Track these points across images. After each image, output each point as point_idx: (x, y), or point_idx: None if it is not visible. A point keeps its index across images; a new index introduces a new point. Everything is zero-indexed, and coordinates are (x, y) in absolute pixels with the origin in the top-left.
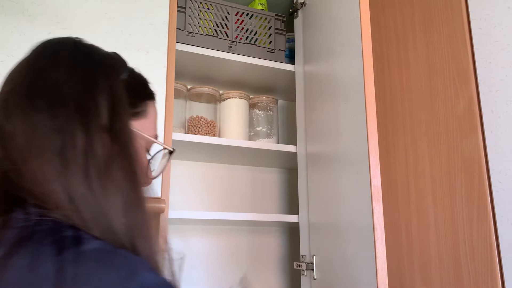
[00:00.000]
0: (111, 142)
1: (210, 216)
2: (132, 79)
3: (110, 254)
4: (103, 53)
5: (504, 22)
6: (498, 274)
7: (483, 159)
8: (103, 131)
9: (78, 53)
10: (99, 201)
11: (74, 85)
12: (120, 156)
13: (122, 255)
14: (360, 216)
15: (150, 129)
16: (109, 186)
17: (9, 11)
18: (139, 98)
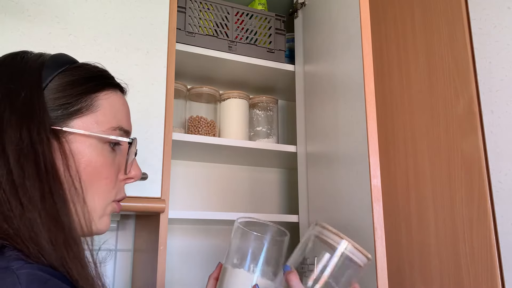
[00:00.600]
0: (21, 156)
1: (210, 216)
2: (68, 77)
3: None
4: (31, 62)
5: (504, 22)
6: (498, 274)
7: (483, 159)
8: (15, 148)
9: (4, 69)
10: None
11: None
12: (29, 168)
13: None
14: (360, 216)
15: (103, 123)
16: (27, 209)
17: (9, 11)
18: (77, 94)
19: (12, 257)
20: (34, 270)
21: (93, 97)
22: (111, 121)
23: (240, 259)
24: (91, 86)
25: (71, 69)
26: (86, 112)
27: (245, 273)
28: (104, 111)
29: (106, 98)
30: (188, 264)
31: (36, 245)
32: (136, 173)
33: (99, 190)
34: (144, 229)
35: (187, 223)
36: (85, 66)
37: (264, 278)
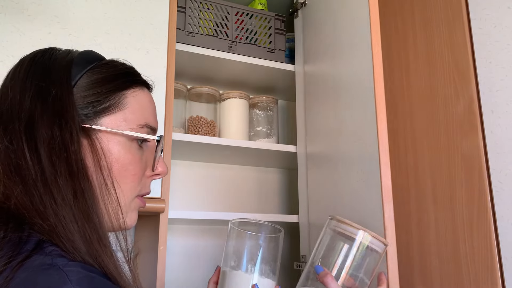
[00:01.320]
0: (53, 152)
1: (210, 216)
2: (96, 74)
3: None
4: (59, 59)
5: (504, 22)
6: (498, 274)
7: (483, 159)
8: (47, 143)
9: (34, 66)
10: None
11: (23, 102)
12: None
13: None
14: (369, 216)
15: (132, 120)
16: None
17: (9, 11)
18: (106, 91)
19: (55, 254)
20: (79, 268)
21: (121, 95)
22: (139, 119)
23: (237, 261)
24: (119, 83)
25: (99, 66)
26: (114, 110)
27: (243, 274)
28: (132, 109)
29: (134, 96)
30: (188, 264)
31: (72, 242)
32: (163, 170)
33: (126, 186)
34: (144, 229)
35: (187, 223)
36: (113, 63)
37: (263, 276)
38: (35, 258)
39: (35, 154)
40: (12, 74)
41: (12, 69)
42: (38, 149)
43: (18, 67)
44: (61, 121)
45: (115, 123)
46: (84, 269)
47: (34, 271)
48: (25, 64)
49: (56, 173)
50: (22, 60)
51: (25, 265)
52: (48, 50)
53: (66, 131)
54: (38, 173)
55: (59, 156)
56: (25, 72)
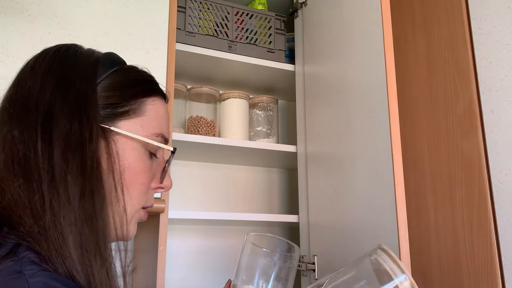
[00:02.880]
0: (68, 148)
1: (210, 216)
2: (120, 77)
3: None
4: (84, 56)
5: (504, 22)
6: (498, 274)
7: (483, 159)
8: (63, 138)
9: (55, 59)
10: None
11: (42, 94)
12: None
13: None
14: (361, 216)
15: (148, 128)
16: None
17: (9, 11)
18: (128, 96)
19: (26, 259)
20: (47, 279)
21: (141, 101)
22: (155, 127)
23: (249, 276)
24: (140, 90)
25: (123, 70)
26: (133, 115)
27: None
28: (149, 117)
29: (152, 104)
30: (188, 264)
31: (62, 247)
32: (168, 183)
33: (133, 195)
34: (144, 229)
35: (187, 223)
36: (135, 69)
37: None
38: (5, 265)
39: (48, 147)
40: (33, 63)
41: (33, 59)
42: (52, 143)
43: (40, 57)
44: (82, 117)
45: (132, 128)
46: (54, 280)
47: (3, 280)
48: (49, 56)
49: (67, 169)
50: (46, 51)
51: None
52: (72, 46)
53: (86, 128)
54: (46, 167)
55: (74, 152)
56: (47, 64)
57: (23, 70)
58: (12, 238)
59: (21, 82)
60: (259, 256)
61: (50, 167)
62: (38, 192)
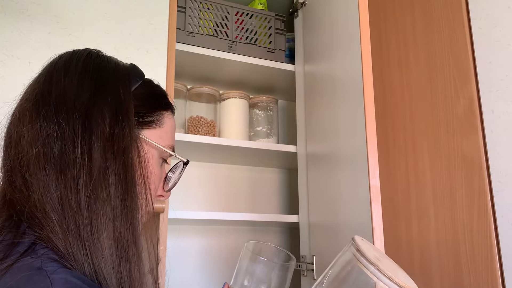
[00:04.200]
0: (109, 149)
1: (210, 216)
2: (145, 89)
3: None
4: (115, 63)
5: (504, 22)
6: (499, 274)
7: (484, 159)
8: (104, 139)
9: (90, 62)
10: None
11: (80, 93)
12: (116, 162)
13: None
14: (358, 216)
15: (165, 139)
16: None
17: (9, 11)
18: (152, 107)
19: (46, 257)
20: (68, 276)
21: (162, 114)
22: (169, 139)
23: (248, 282)
24: (162, 103)
25: (148, 83)
26: (155, 126)
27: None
28: (166, 129)
29: (168, 118)
30: (188, 264)
31: (95, 243)
32: (168, 194)
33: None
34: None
35: (187, 223)
36: (154, 83)
37: None
38: (24, 262)
39: (87, 146)
40: (66, 63)
41: (64, 59)
42: (92, 142)
43: (73, 58)
44: (123, 121)
45: (153, 137)
46: (74, 278)
47: (21, 277)
48: (83, 58)
49: (107, 168)
50: (78, 53)
51: (13, 269)
52: (100, 52)
53: (126, 132)
54: (86, 165)
55: (115, 153)
56: (83, 65)
57: (55, 68)
58: (29, 237)
59: (55, 79)
60: (257, 264)
61: (89, 165)
62: (75, 188)
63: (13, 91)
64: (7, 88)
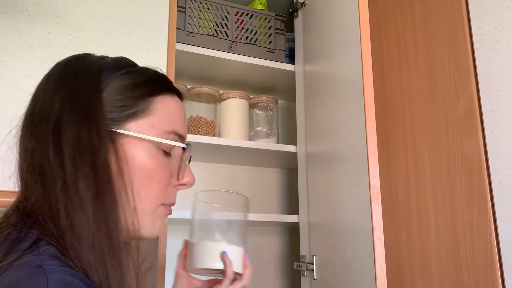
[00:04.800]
0: (77, 154)
1: None
2: (128, 79)
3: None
4: (91, 64)
5: (504, 22)
6: (499, 274)
7: (484, 159)
8: (72, 146)
9: (66, 69)
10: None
11: (54, 103)
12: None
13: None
14: (359, 216)
15: (159, 126)
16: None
17: (9, 11)
18: (136, 96)
19: (47, 254)
20: (66, 276)
21: (149, 101)
22: (165, 125)
23: (205, 232)
24: (148, 89)
25: (130, 72)
26: (142, 115)
27: (211, 243)
28: (159, 115)
29: (162, 102)
30: None
31: (77, 249)
32: (189, 180)
33: (149, 194)
34: None
35: (187, 223)
36: (144, 70)
37: (231, 244)
38: (26, 258)
39: (58, 155)
40: (46, 77)
41: (48, 73)
42: (62, 150)
43: (52, 70)
44: (90, 124)
45: (142, 128)
46: (72, 276)
47: (20, 274)
48: (59, 68)
49: (77, 174)
50: (57, 64)
51: (15, 266)
52: (82, 56)
53: (95, 135)
54: (58, 174)
55: (83, 158)
56: (57, 76)
57: (39, 85)
58: (33, 233)
59: (36, 95)
60: (212, 212)
61: (62, 173)
62: (54, 198)
63: (13, 91)
64: (7, 88)
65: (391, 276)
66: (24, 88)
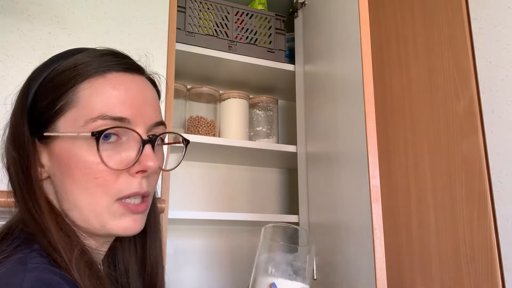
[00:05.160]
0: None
1: (210, 216)
2: (48, 80)
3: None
4: (34, 71)
5: (504, 22)
6: (499, 274)
7: (484, 159)
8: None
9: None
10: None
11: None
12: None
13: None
14: (359, 216)
15: (82, 116)
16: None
17: (9, 11)
18: (58, 92)
19: (37, 252)
20: (44, 274)
21: (72, 92)
22: (89, 113)
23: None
24: (66, 81)
25: (54, 70)
26: (67, 109)
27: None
28: (83, 104)
29: (86, 89)
30: (188, 264)
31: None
32: (145, 165)
33: (92, 190)
34: None
35: (187, 223)
36: (66, 60)
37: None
38: (15, 256)
39: (7, 172)
40: None
41: None
42: (10, 168)
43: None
44: (15, 138)
45: (68, 124)
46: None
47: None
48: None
49: (21, 187)
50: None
51: (3, 263)
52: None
53: (20, 148)
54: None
55: (18, 171)
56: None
57: None
58: (25, 232)
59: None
60: (278, 251)
61: (14, 188)
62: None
63: (13, 91)
64: (7, 88)
65: (391, 276)
66: None
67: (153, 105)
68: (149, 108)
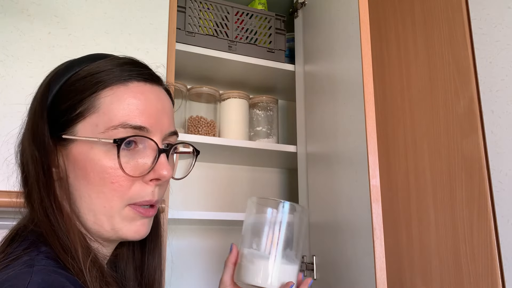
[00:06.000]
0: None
1: (210, 216)
2: (69, 84)
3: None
4: (48, 76)
5: (504, 22)
6: (499, 274)
7: (484, 159)
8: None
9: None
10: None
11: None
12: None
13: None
14: (359, 216)
15: (103, 122)
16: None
17: (9, 11)
18: (79, 98)
19: (44, 255)
20: (50, 276)
21: (94, 98)
22: (110, 120)
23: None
24: (89, 86)
25: (77, 74)
26: (87, 114)
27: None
28: (104, 111)
29: (108, 96)
30: (188, 264)
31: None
32: (160, 173)
33: (105, 195)
34: None
35: (187, 223)
36: (91, 65)
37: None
38: (23, 258)
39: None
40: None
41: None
42: (29, 166)
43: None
44: (35, 137)
45: (87, 129)
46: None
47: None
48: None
49: (39, 186)
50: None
51: (11, 265)
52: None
53: (41, 147)
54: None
55: (38, 170)
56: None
57: None
58: (34, 233)
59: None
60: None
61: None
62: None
63: (13, 91)
64: (7, 88)
65: (391, 276)
66: (24, 88)
67: (169, 115)
68: (165, 117)
